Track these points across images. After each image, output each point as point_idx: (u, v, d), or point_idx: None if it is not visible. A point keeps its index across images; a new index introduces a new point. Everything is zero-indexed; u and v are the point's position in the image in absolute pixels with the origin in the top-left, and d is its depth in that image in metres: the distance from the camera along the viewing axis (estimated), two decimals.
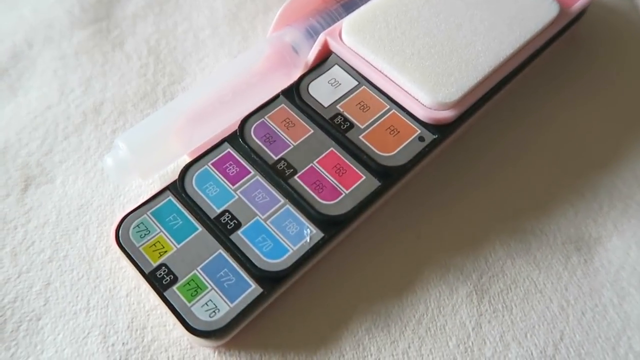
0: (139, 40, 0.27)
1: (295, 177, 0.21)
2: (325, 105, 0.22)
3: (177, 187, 0.21)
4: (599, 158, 0.25)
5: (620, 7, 0.31)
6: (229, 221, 0.20)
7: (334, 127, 0.21)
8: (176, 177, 0.21)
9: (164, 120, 0.22)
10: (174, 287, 0.19)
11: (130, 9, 0.29)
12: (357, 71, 0.23)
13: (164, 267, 0.19)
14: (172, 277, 0.19)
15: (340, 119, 0.22)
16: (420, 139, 0.21)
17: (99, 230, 0.22)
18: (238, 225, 0.20)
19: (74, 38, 0.27)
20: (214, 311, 0.19)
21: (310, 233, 0.20)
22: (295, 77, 0.23)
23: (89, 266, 0.21)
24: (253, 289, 0.19)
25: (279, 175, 0.21)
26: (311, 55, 0.23)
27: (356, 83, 0.23)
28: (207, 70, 0.27)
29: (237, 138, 0.22)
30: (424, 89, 0.21)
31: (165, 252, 0.20)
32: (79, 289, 0.20)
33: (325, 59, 0.23)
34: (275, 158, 0.21)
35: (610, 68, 0.28)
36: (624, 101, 0.27)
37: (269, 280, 0.19)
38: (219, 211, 0.20)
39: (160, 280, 0.19)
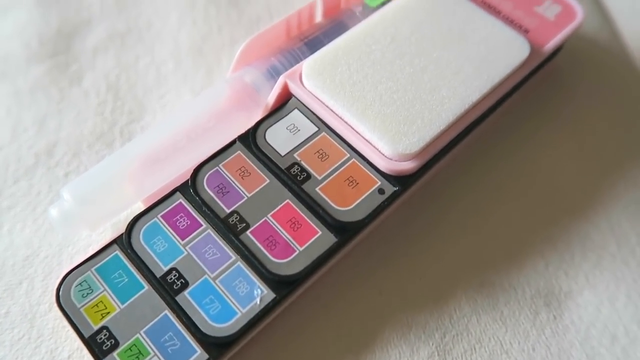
0: (98, 76, 0.26)
1: (247, 232, 0.20)
2: (282, 154, 0.21)
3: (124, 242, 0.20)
4: (573, 204, 0.24)
5: (600, 38, 0.30)
6: (176, 280, 0.19)
7: (290, 178, 0.20)
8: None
9: (113, 168, 0.21)
10: (114, 354, 0.18)
11: (91, 41, 0.28)
12: (317, 116, 0.22)
13: (105, 331, 0.18)
14: (113, 341, 0.18)
15: (297, 169, 0.21)
16: (380, 191, 0.20)
17: (44, 284, 0.21)
18: (185, 285, 0.19)
19: (30, 73, 0.26)
20: None
21: (261, 294, 0.19)
22: (257, 118, 0.22)
23: (30, 324, 0.20)
24: (198, 354, 0.18)
25: (230, 230, 0.20)
26: (271, 98, 0.22)
27: (316, 129, 0.22)
28: (168, 107, 0.26)
29: (189, 188, 0.21)
30: (384, 139, 0.20)
31: (108, 313, 0.19)
32: (19, 349, 0.19)
33: (285, 102, 0.22)
34: (228, 211, 0.20)
35: (590, 104, 0.27)
36: (603, 142, 0.26)
37: (215, 345, 0.18)
38: (165, 269, 0.19)
39: (100, 345, 0.18)
